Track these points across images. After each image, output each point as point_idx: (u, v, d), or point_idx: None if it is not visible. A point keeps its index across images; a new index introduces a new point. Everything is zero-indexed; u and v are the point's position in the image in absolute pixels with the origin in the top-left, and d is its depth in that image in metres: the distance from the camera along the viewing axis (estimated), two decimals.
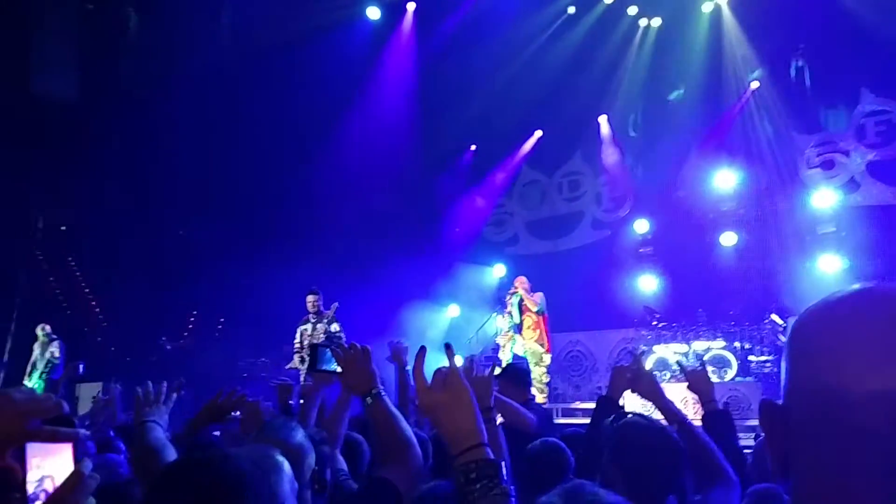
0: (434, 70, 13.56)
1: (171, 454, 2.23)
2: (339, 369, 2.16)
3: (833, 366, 0.77)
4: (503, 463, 1.33)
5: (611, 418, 2.70)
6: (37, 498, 1.02)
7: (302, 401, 3.82)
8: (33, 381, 10.83)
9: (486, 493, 1.28)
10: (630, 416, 2.57)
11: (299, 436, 2.09)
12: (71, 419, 1.08)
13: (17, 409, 1.04)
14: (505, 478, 1.30)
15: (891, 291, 0.80)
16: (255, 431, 2.17)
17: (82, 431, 1.10)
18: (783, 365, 0.86)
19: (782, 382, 0.86)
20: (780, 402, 0.85)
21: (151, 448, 2.25)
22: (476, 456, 1.32)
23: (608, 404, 3.15)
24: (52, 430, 1.04)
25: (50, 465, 1.04)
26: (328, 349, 2.30)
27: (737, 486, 2.34)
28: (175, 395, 2.53)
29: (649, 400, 2.89)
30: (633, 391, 3.01)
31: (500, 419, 2.98)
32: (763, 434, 0.88)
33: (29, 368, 11.00)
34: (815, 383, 0.79)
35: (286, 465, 1.86)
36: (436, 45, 13.58)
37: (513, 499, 1.29)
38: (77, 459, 1.06)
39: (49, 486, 1.03)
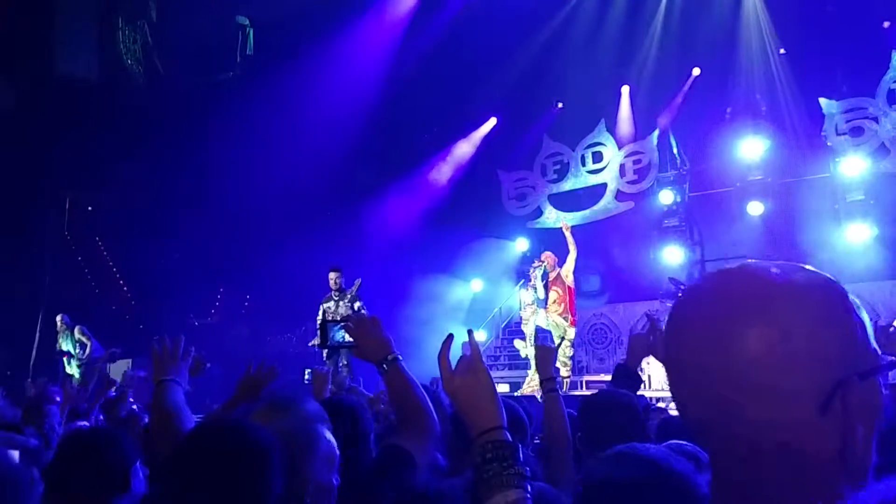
0: (455, 43, 13.44)
1: (189, 417, 2.25)
2: (349, 339, 2.17)
3: (679, 342, 0.84)
4: (520, 446, 1.37)
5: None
6: None
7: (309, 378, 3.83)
8: (73, 369, 11.06)
9: (501, 473, 1.32)
10: (598, 390, 2.59)
11: (313, 407, 2.10)
12: (17, 426, 1.08)
13: None
14: (521, 460, 1.35)
15: (734, 277, 0.86)
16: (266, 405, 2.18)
17: (32, 441, 1.10)
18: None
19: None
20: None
21: (169, 411, 2.26)
22: (493, 437, 1.37)
23: (625, 373, 3.14)
24: None
25: None
26: (338, 324, 2.32)
27: None
28: (192, 351, 2.49)
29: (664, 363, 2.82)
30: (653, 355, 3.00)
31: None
32: None
33: (67, 357, 11.20)
34: (673, 358, 0.86)
35: (323, 440, 1.84)
36: (457, 16, 13.45)
37: (528, 480, 1.33)
38: (26, 465, 1.05)
39: None
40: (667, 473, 1.40)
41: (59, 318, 11.41)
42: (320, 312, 9.86)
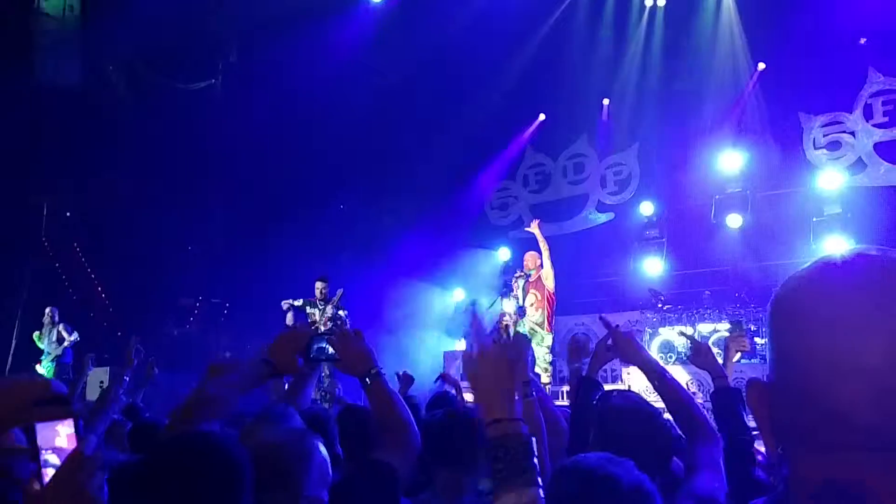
0: (437, 53, 13.48)
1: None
2: (331, 351, 2.15)
3: (798, 341, 0.74)
4: (534, 439, 1.32)
5: (597, 397, 2.67)
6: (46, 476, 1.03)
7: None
8: (44, 366, 10.90)
9: (519, 463, 1.27)
10: (615, 393, 2.55)
11: (298, 421, 2.08)
12: (67, 398, 1.08)
13: (7, 394, 1.05)
14: (535, 453, 1.30)
15: (874, 257, 0.76)
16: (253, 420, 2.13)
17: (80, 408, 1.11)
18: (768, 340, 0.82)
19: (768, 359, 0.83)
20: (767, 380, 0.82)
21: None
22: (509, 429, 1.32)
23: (587, 384, 3.07)
24: (45, 410, 1.05)
25: (56, 443, 1.05)
26: (322, 338, 2.30)
27: (719, 440, 2.34)
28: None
29: (629, 360, 2.88)
30: (612, 354, 2.98)
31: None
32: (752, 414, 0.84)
33: (44, 354, 11.08)
34: (784, 359, 0.76)
35: (317, 454, 1.80)
36: (438, 27, 13.49)
37: (539, 476, 1.29)
38: (80, 437, 1.07)
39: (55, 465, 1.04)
40: (601, 477, 1.42)
41: (48, 309, 11.28)
42: (293, 304, 9.87)
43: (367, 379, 2.08)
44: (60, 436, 1.07)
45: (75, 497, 1.00)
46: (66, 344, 11.00)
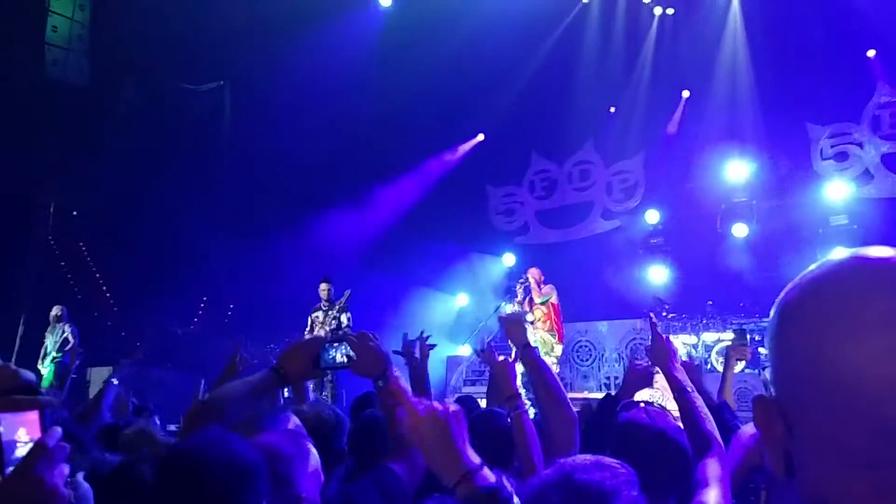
0: (445, 58, 13.48)
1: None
2: (343, 360, 2.12)
3: (839, 347, 0.67)
4: (501, 488, 1.33)
5: (620, 406, 2.67)
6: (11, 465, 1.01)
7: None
8: (46, 365, 10.90)
9: None
10: (641, 405, 2.53)
11: (288, 424, 2.07)
12: (36, 388, 1.06)
13: None
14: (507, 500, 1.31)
15: (885, 256, 0.71)
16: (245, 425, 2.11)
17: (47, 399, 1.08)
18: (771, 351, 0.75)
19: (771, 371, 0.76)
20: (771, 394, 0.75)
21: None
22: (469, 488, 1.33)
23: (613, 402, 3.05)
24: (12, 399, 1.03)
25: (21, 433, 1.03)
26: (333, 346, 2.25)
27: (724, 456, 2.37)
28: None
29: (658, 365, 2.92)
30: (644, 383, 3.05)
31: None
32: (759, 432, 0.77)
33: (42, 352, 11.08)
34: (815, 369, 0.68)
35: (312, 455, 1.81)
36: (447, 32, 13.51)
37: None
38: (45, 428, 1.04)
39: (21, 454, 1.02)
40: (572, 482, 1.41)
41: (57, 308, 11.27)
42: (309, 323, 9.81)
43: (380, 381, 2.08)
44: (26, 427, 1.05)
45: (36, 488, 0.98)
46: (67, 348, 10.98)
